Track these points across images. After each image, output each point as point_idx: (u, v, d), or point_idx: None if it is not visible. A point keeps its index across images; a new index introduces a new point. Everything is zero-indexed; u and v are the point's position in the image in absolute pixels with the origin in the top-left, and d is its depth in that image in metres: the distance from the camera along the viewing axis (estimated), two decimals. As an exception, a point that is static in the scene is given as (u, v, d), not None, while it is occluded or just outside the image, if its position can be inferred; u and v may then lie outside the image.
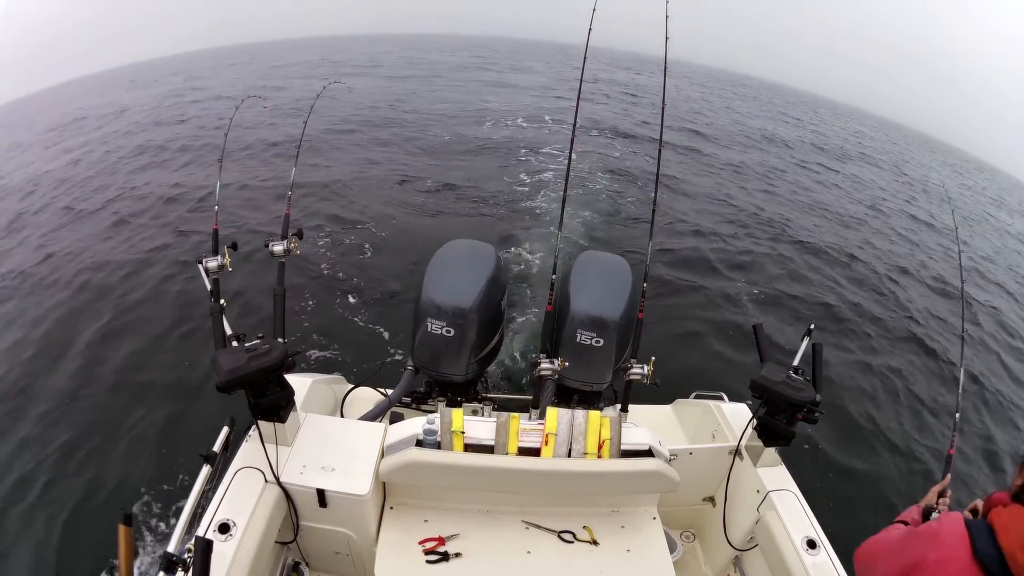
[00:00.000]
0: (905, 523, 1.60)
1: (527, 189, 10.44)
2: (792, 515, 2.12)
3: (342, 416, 2.68)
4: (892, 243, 11.55)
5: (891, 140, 36.70)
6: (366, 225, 8.32)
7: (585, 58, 2.89)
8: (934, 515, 1.60)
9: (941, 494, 1.70)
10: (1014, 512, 1.08)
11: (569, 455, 1.95)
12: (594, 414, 1.98)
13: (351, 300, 6.27)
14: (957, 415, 2.08)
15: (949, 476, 1.77)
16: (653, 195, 2.85)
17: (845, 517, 4.15)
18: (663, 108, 3.16)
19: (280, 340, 2.20)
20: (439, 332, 2.43)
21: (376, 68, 29.38)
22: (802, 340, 2.30)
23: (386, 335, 5.63)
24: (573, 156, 2.90)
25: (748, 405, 2.66)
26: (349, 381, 3.06)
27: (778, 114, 32.57)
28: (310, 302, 6.17)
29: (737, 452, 2.39)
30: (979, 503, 1.51)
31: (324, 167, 10.88)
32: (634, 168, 12.63)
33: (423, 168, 11.33)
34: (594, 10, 2.87)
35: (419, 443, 1.94)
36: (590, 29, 2.85)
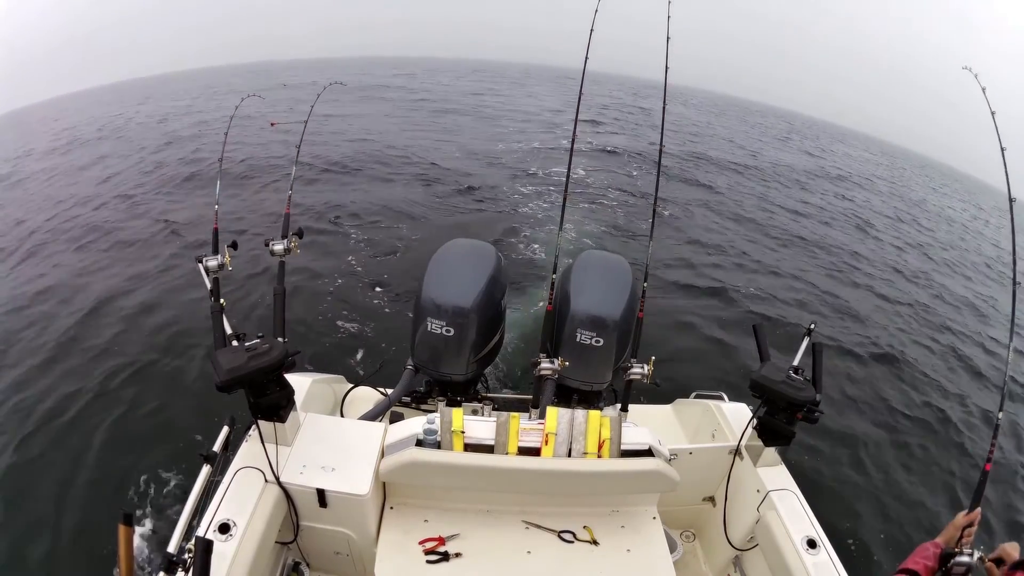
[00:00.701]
0: (914, 573, 1.44)
1: (529, 193, 10.75)
2: (792, 515, 2.11)
3: (342, 416, 2.67)
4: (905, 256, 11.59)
5: (899, 166, 35.68)
6: (389, 227, 8.63)
7: (586, 58, 2.90)
8: (954, 561, 1.41)
9: (968, 524, 1.49)
10: None
11: (569, 455, 1.95)
12: (594, 414, 1.98)
13: (376, 290, 6.59)
14: (1000, 415, 1.76)
15: (979, 511, 1.53)
16: (653, 197, 2.85)
17: (847, 516, 4.17)
18: (663, 109, 3.16)
19: (280, 339, 2.20)
20: (439, 331, 2.43)
21: (385, 90, 29.44)
22: (802, 340, 2.30)
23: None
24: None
25: (748, 405, 2.66)
26: (349, 380, 3.05)
27: (784, 140, 31.48)
28: (335, 291, 6.44)
29: (737, 452, 2.39)
30: (1005, 552, 1.35)
31: (350, 186, 11.09)
32: (645, 188, 12.59)
33: (444, 181, 11.64)
34: (596, 11, 2.87)
35: (419, 443, 1.93)
36: (592, 30, 2.86)
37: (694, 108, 41.35)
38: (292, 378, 2.04)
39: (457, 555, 1.91)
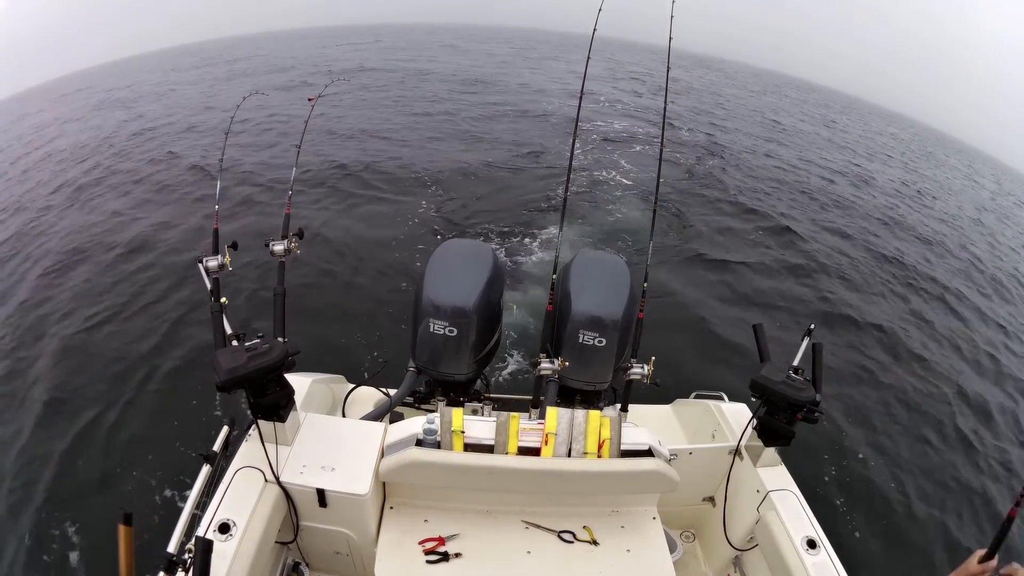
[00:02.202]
0: None
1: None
2: (792, 515, 2.12)
3: (344, 416, 2.67)
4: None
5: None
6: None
7: (589, 57, 2.90)
8: None
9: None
10: None
11: (569, 455, 1.95)
12: (594, 414, 1.98)
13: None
14: None
15: (995, 561, 1.42)
16: (654, 198, 2.84)
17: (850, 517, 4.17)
18: (665, 109, 3.16)
19: (280, 340, 2.20)
20: (440, 332, 2.42)
21: (432, 62, 29.17)
22: (802, 340, 2.30)
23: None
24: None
25: (748, 405, 2.66)
26: (350, 381, 3.06)
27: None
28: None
29: (737, 452, 2.39)
30: (1015, 570, 1.32)
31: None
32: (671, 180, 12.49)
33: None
34: (600, 10, 2.87)
35: (419, 443, 1.93)
36: (595, 30, 2.86)
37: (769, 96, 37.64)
38: (292, 378, 2.04)
39: (457, 555, 1.92)
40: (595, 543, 2.03)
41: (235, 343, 1.89)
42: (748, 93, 34.39)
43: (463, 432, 1.94)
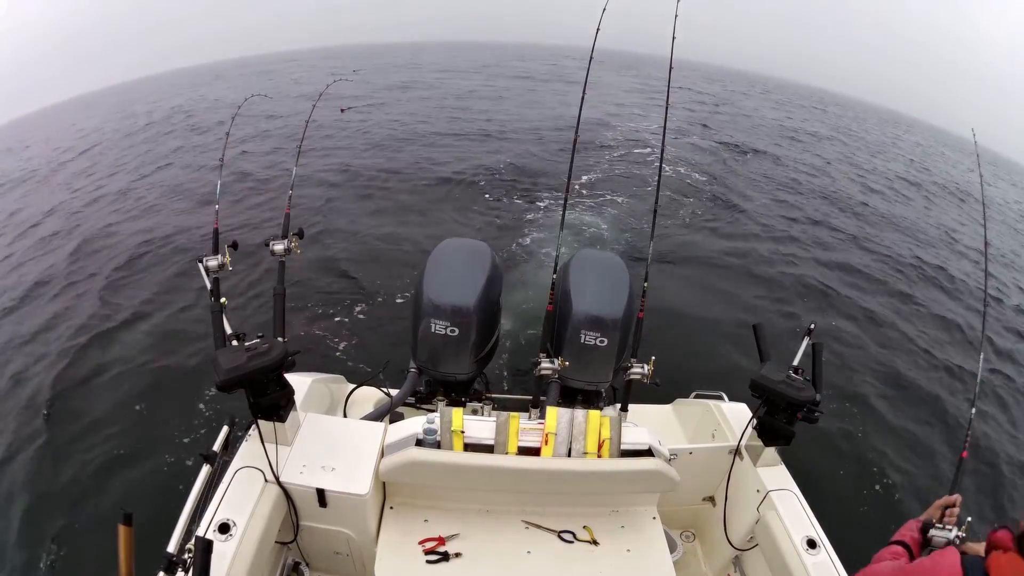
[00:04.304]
0: (904, 543, 1.54)
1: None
2: (792, 515, 2.12)
3: (345, 416, 2.67)
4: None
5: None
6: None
7: (591, 58, 2.90)
8: (932, 531, 1.55)
9: (948, 505, 1.59)
10: (1012, 561, 1.07)
11: (569, 455, 1.95)
12: (594, 413, 1.98)
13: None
14: (972, 411, 1.96)
15: (959, 496, 1.63)
16: (655, 198, 2.84)
17: (848, 516, 4.16)
18: (666, 109, 3.15)
19: (280, 339, 2.20)
20: (441, 332, 2.42)
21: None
22: (802, 340, 2.30)
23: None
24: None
25: (748, 405, 2.66)
26: (351, 381, 3.05)
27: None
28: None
29: (737, 452, 2.39)
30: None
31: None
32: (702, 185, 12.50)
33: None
34: (604, 9, 2.87)
35: (419, 443, 1.94)
36: (598, 29, 2.86)
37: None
38: (292, 378, 2.04)
39: (457, 555, 1.92)
40: (595, 543, 2.03)
41: (235, 343, 1.89)
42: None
43: (463, 432, 1.94)
